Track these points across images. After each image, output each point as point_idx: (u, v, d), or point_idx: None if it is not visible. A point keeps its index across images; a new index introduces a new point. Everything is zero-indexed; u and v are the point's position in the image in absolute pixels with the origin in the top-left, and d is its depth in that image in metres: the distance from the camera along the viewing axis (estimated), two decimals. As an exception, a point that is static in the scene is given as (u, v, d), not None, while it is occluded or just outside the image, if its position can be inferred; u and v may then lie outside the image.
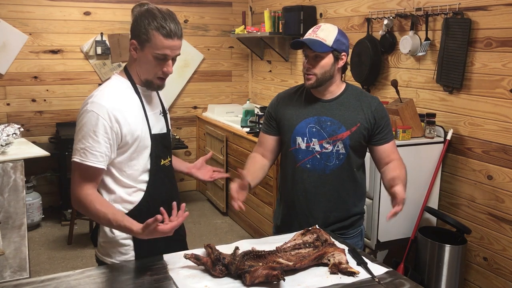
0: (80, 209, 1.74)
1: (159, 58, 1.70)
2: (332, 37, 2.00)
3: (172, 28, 1.67)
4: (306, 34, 2.06)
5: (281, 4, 4.75)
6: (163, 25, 1.66)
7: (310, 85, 2.05)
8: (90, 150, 1.67)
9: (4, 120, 4.66)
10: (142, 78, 1.77)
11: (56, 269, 3.74)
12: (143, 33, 1.68)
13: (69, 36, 4.82)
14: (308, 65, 2.03)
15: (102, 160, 1.69)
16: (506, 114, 2.73)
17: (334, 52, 2.01)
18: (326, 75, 2.03)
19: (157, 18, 1.67)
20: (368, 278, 1.65)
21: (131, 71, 1.80)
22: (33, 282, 1.60)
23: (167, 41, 1.67)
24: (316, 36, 2.00)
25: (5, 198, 2.94)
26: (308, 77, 2.04)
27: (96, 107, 1.68)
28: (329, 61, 2.02)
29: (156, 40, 1.67)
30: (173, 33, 1.68)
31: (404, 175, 2.04)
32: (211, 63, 5.53)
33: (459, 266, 2.87)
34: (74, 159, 1.70)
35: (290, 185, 2.17)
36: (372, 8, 3.66)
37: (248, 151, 4.25)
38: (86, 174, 1.69)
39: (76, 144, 1.70)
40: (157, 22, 1.66)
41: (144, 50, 1.71)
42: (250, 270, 1.55)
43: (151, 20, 1.67)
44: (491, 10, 2.76)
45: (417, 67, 3.30)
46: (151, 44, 1.68)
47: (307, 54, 2.04)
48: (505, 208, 2.78)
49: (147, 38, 1.68)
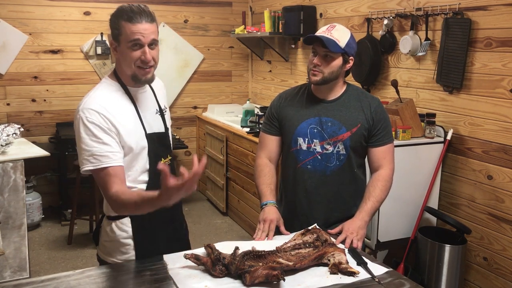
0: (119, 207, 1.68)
1: (134, 46, 1.69)
2: (345, 39, 2.00)
3: (137, 12, 1.68)
4: (320, 31, 2.02)
5: (281, 4, 4.74)
6: (128, 14, 1.68)
7: (315, 81, 2.04)
8: (98, 153, 1.66)
9: (4, 120, 4.66)
10: (128, 74, 1.76)
11: (56, 269, 3.74)
12: (115, 29, 1.70)
13: (69, 36, 4.82)
14: (317, 62, 2.01)
15: (116, 158, 1.68)
16: (506, 114, 2.73)
17: (344, 54, 2.01)
18: (333, 75, 2.03)
19: (124, 11, 1.69)
20: (368, 278, 1.65)
21: (119, 73, 1.80)
22: (33, 282, 1.60)
23: (134, 26, 1.67)
24: (330, 35, 1.98)
25: (5, 198, 2.94)
26: (314, 72, 2.02)
27: (88, 112, 1.67)
28: (339, 62, 2.02)
29: (125, 29, 1.68)
30: (138, 16, 1.68)
31: (379, 197, 2.05)
32: (211, 63, 5.53)
33: (459, 266, 2.87)
34: (87, 168, 1.67)
35: (291, 186, 2.17)
36: (372, 8, 3.65)
37: (248, 151, 4.25)
38: (107, 176, 1.66)
39: (82, 154, 1.68)
40: (124, 14, 1.69)
41: (121, 45, 1.71)
42: (250, 270, 1.55)
43: (119, 15, 1.70)
44: (491, 10, 2.76)
45: (417, 67, 3.30)
46: (123, 35, 1.69)
47: (317, 51, 2.02)
48: (505, 208, 2.78)
49: (119, 32, 1.70)
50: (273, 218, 2.01)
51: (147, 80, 1.78)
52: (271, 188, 2.14)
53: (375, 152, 2.10)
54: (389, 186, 2.09)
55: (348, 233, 1.94)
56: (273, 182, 2.16)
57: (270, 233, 1.97)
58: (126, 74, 1.77)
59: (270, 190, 2.12)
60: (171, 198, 1.50)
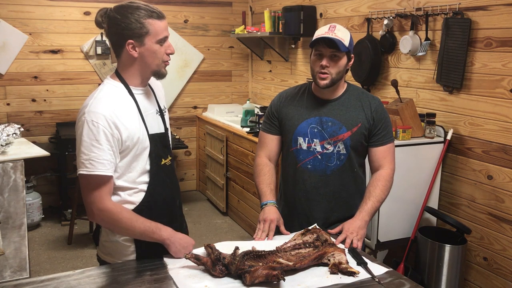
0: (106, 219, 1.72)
1: (163, 42, 1.73)
2: (347, 38, 2.00)
3: (156, 10, 1.71)
4: (323, 32, 1.99)
5: (281, 4, 4.74)
6: (151, 10, 1.69)
7: (325, 85, 2.01)
8: (96, 159, 1.65)
9: (4, 120, 4.66)
10: (152, 70, 1.77)
11: (56, 269, 3.74)
12: (139, 28, 1.68)
13: (69, 36, 4.82)
14: (326, 63, 1.98)
15: (110, 168, 1.68)
16: (506, 114, 2.73)
17: (348, 53, 2.02)
18: (339, 75, 2.03)
19: (140, 8, 1.69)
20: (368, 278, 1.65)
21: (124, 73, 1.77)
22: (33, 282, 1.60)
23: (162, 22, 1.71)
24: (335, 35, 1.96)
25: (5, 198, 2.94)
26: (322, 76, 2.00)
27: (94, 116, 1.66)
28: (344, 61, 2.02)
29: (155, 26, 1.69)
30: (162, 13, 1.73)
31: (380, 197, 2.05)
32: (211, 63, 5.53)
33: (459, 266, 2.87)
34: (81, 172, 1.67)
35: (291, 186, 2.17)
36: (372, 8, 3.65)
37: (248, 151, 4.25)
38: (99, 184, 1.67)
39: (80, 157, 1.67)
40: (145, 11, 1.68)
41: (146, 43, 1.71)
42: (250, 270, 1.55)
43: (138, 12, 1.68)
44: (491, 10, 2.76)
45: (417, 67, 3.30)
46: (151, 33, 1.69)
47: (323, 52, 1.99)
48: (505, 208, 2.78)
49: (146, 30, 1.69)
50: (273, 218, 2.01)
51: (165, 73, 1.82)
52: (271, 187, 2.14)
53: (376, 151, 2.10)
54: (389, 186, 2.09)
55: (348, 233, 1.94)
56: (273, 182, 2.16)
57: (270, 233, 1.97)
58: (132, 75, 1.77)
59: (270, 190, 2.12)
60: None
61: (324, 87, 2.03)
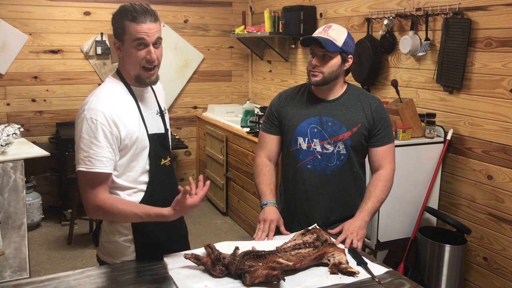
0: (101, 216, 1.74)
1: (139, 45, 1.70)
2: (342, 38, 2.00)
3: (140, 12, 1.69)
4: (316, 32, 2.05)
5: (281, 4, 4.74)
6: (132, 13, 1.69)
7: (316, 82, 2.04)
8: (94, 156, 1.66)
9: (4, 120, 4.66)
10: (132, 74, 1.76)
11: (56, 269, 3.74)
12: (119, 28, 1.71)
13: (69, 36, 4.82)
14: (316, 62, 2.02)
15: (108, 165, 1.69)
16: (506, 114, 2.73)
17: (342, 53, 2.02)
18: (333, 75, 2.04)
19: (127, 10, 1.70)
20: (368, 278, 1.65)
21: (123, 72, 1.80)
22: (33, 282, 1.60)
23: (139, 26, 1.68)
24: (327, 35, 1.99)
25: (5, 198, 2.94)
26: (314, 73, 2.03)
27: (94, 113, 1.67)
28: (337, 61, 2.02)
29: (130, 28, 1.69)
30: (142, 16, 1.69)
31: (380, 197, 2.05)
32: (211, 63, 5.52)
33: (459, 266, 2.87)
34: (80, 168, 1.68)
35: (290, 186, 2.17)
36: (372, 8, 3.66)
37: (248, 151, 4.25)
38: (96, 181, 1.68)
39: (79, 154, 1.68)
40: (128, 13, 1.69)
41: (125, 44, 1.72)
42: (250, 270, 1.55)
43: (123, 14, 1.70)
44: (491, 10, 2.76)
45: (417, 67, 3.30)
46: (127, 34, 1.70)
47: (315, 52, 2.03)
48: (505, 208, 2.78)
49: (123, 31, 1.70)
50: (273, 218, 2.01)
51: (151, 82, 1.79)
52: (271, 187, 2.14)
53: (376, 152, 2.10)
54: (389, 186, 2.09)
55: (348, 233, 1.94)
56: (273, 182, 2.17)
57: (270, 233, 1.97)
58: (129, 74, 1.78)
59: (270, 190, 2.13)
60: (180, 215, 1.66)
61: (315, 84, 2.06)
